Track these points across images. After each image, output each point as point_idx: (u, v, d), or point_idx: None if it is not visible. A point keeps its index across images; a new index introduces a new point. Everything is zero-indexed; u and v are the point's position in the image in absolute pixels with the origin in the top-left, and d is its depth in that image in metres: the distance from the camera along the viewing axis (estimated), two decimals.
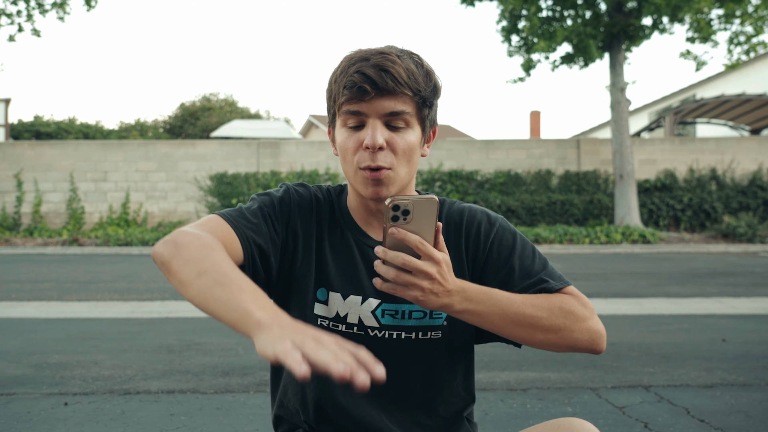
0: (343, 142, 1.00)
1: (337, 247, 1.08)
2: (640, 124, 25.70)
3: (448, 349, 1.07)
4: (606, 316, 4.78)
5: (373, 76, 0.94)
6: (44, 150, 14.32)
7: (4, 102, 21.15)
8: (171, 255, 0.87)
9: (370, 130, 0.97)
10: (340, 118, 1.00)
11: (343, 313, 1.05)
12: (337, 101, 0.99)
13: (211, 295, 0.80)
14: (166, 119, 30.68)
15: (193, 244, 0.87)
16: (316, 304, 1.06)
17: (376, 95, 0.95)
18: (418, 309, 1.04)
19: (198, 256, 0.85)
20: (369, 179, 0.98)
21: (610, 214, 13.84)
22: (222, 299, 0.79)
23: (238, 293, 0.78)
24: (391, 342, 1.04)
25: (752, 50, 12.54)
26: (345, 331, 1.05)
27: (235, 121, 19.47)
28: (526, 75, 13.76)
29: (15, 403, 2.64)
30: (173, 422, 2.43)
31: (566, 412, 2.56)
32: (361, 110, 0.97)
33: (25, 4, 12.93)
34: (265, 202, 1.06)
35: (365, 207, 1.07)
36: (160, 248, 0.89)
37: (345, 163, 1.02)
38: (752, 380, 3.00)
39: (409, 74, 0.95)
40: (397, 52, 0.97)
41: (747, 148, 14.49)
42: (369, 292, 1.05)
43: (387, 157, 0.98)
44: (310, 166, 14.46)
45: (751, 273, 7.80)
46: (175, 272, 0.86)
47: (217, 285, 0.80)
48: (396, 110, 0.96)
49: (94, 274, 7.74)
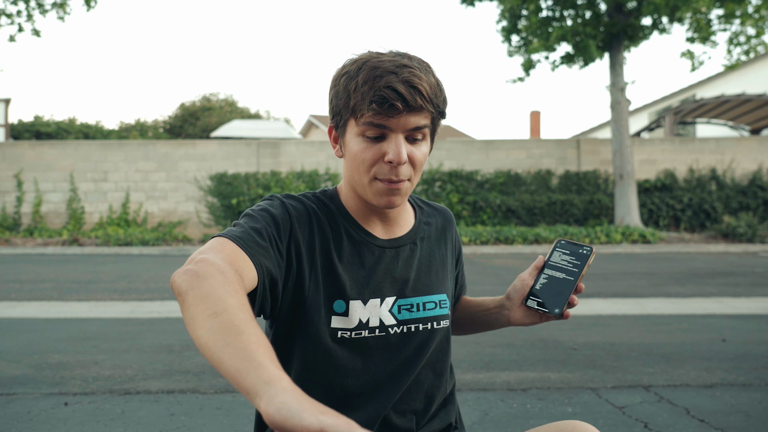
0: (360, 153, 0.98)
1: (345, 254, 1.06)
2: (640, 124, 25.69)
3: (449, 335, 1.15)
4: (606, 316, 4.78)
5: (404, 94, 0.93)
6: (44, 150, 14.32)
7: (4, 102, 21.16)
8: (189, 286, 0.79)
9: (394, 145, 0.97)
10: (358, 127, 0.98)
11: (365, 319, 1.04)
12: (358, 111, 0.96)
13: (222, 339, 0.70)
14: (166, 119, 30.69)
15: (215, 279, 0.79)
16: (333, 317, 1.03)
17: (404, 112, 0.95)
18: (429, 300, 1.10)
19: (217, 294, 0.77)
20: (387, 189, 1.00)
21: (610, 214, 13.84)
22: (232, 345, 0.69)
23: (253, 344, 0.69)
24: (409, 335, 1.08)
25: (752, 50, 12.54)
26: (368, 336, 1.04)
27: (235, 121, 19.46)
28: (526, 75, 13.77)
29: (15, 403, 2.64)
30: (173, 422, 2.43)
31: (566, 412, 2.55)
32: (388, 125, 0.96)
33: (25, 4, 12.93)
34: (268, 221, 0.99)
35: (368, 207, 1.08)
36: (179, 278, 0.82)
37: (358, 172, 1.00)
38: (752, 380, 3.00)
39: (433, 90, 0.97)
40: (418, 65, 0.97)
41: (747, 148, 14.49)
42: (385, 292, 1.07)
43: (407, 171, 1.00)
44: (310, 166, 14.46)
45: (751, 273, 7.80)
46: (188, 306, 0.77)
47: (231, 330, 0.71)
48: (419, 125, 0.98)
49: (94, 274, 7.74)
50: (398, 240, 1.11)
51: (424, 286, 1.11)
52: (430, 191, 14.16)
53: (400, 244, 1.11)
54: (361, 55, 0.99)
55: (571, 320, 4.60)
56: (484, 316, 1.23)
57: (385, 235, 1.10)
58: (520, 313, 1.14)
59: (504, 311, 1.17)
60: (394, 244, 1.10)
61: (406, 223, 1.13)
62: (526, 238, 12.03)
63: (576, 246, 1.10)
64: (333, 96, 1.01)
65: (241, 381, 0.65)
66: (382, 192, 1.00)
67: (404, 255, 1.10)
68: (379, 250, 1.08)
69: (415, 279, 1.10)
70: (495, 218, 13.89)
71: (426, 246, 1.15)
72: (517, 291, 1.14)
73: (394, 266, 1.09)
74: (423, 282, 1.11)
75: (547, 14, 13.06)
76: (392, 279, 1.08)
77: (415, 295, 1.09)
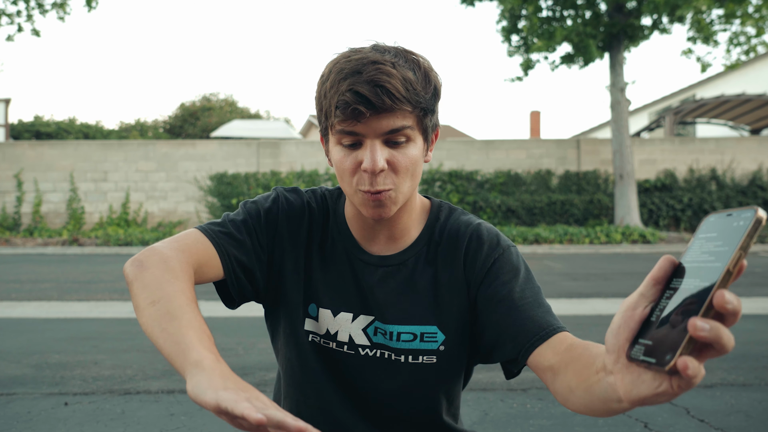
0: (340, 162, 0.91)
1: (328, 260, 1.01)
2: (640, 124, 25.69)
3: (442, 374, 0.99)
4: (606, 316, 4.77)
5: (367, 95, 0.83)
6: (44, 150, 14.32)
7: (4, 102, 21.15)
8: (134, 276, 0.84)
9: (368, 152, 0.87)
10: (334, 136, 0.91)
11: (333, 331, 1.00)
12: (330, 118, 0.89)
13: (159, 325, 0.76)
14: (166, 119, 30.69)
15: (157, 268, 0.83)
16: (307, 319, 1.01)
17: (372, 115, 0.85)
18: (406, 331, 0.97)
19: (157, 283, 0.81)
20: (369, 201, 0.90)
21: (610, 214, 13.84)
22: (167, 331, 0.74)
23: (184, 328, 0.74)
24: (382, 362, 0.99)
25: (752, 50, 12.54)
26: (336, 349, 1.00)
27: (235, 121, 19.46)
28: (525, 75, 13.77)
29: (15, 403, 2.64)
30: (173, 422, 2.43)
31: (566, 412, 2.55)
32: (357, 131, 0.87)
33: (25, 4, 12.93)
34: (251, 213, 0.99)
35: (363, 221, 1.00)
36: (127, 267, 0.86)
37: (343, 182, 0.94)
38: (752, 380, 3.00)
39: (406, 86, 0.85)
40: (391, 58, 0.86)
41: (747, 148, 14.49)
42: (360, 309, 0.99)
43: (387, 179, 0.89)
44: (310, 166, 14.46)
45: (751, 273, 7.79)
46: (134, 294, 0.82)
47: (166, 316, 0.76)
48: (395, 127, 0.87)
49: (94, 274, 7.74)
50: (387, 258, 1.00)
51: (401, 313, 0.98)
52: (430, 191, 14.15)
53: (388, 263, 0.99)
54: (339, 54, 0.90)
55: (571, 320, 4.60)
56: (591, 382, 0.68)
57: (380, 250, 1.01)
58: (630, 377, 0.56)
59: (607, 376, 0.61)
60: (381, 262, 1.00)
61: (409, 238, 1.01)
62: (526, 238, 12.02)
63: (729, 219, 0.53)
64: (315, 103, 0.94)
65: (174, 363, 0.71)
66: (367, 203, 0.91)
67: (390, 275, 0.99)
68: (361, 264, 1.00)
69: (395, 304, 0.98)
70: (495, 218, 13.89)
71: (422, 268, 0.99)
72: (615, 335, 0.57)
73: (375, 285, 0.99)
74: (402, 309, 0.98)
75: (547, 14, 13.06)
76: (372, 298, 0.99)
77: (392, 322, 0.98)
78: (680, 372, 0.49)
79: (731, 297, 0.47)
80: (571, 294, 5.84)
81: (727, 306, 0.47)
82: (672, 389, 0.52)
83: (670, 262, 0.54)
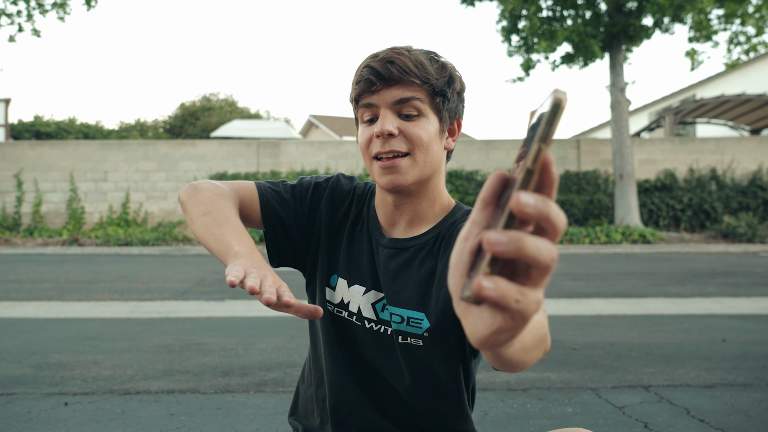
0: (361, 137, 1.03)
1: (355, 239, 1.13)
2: (640, 124, 25.68)
3: (430, 359, 1.03)
4: (606, 316, 4.78)
5: (378, 68, 0.97)
6: (44, 150, 14.32)
7: (4, 102, 21.14)
8: (188, 197, 1.03)
9: (380, 118, 0.99)
10: (358, 116, 1.04)
11: (346, 300, 1.10)
12: (353, 99, 1.04)
13: (209, 231, 0.95)
14: (166, 119, 30.66)
15: (209, 191, 1.02)
16: (327, 288, 1.12)
17: (382, 85, 0.97)
18: (396, 312, 1.03)
19: (208, 199, 1.00)
20: (383, 168, 1.00)
21: (610, 214, 13.84)
22: (215, 234, 0.93)
23: (228, 232, 0.93)
24: (385, 337, 1.06)
25: (752, 50, 12.54)
26: (347, 319, 1.10)
27: (235, 121, 19.44)
28: (526, 75, 13.76)
29: (15, 403, 2.64)
30: (173, 422, 2.43)
31: (566, 412, 2.55)
32: (372, 102, 0.99)
33: (25, 4, 12.93)
34: (303, 183, 1.15)
35: (385, 204, 1.09)
36: (182, 192, 1.05)
37: (364, 158, 1.04)
38: (752, 380, 3.00)
39: (416, 64, 0.97)
40: (409, 48, 1.00)
41: (747, 148, 14.48)
42: (372, 285, 1.08)
43: (401, 143, 0.99)
44: (310, 166, 14.46)
45: (751, 273, 7.79)
46: (188, 210, 1.02)
47: (214, 223, 0.95)
48: (404, 96, 0.98)
49: (94, 274, 7.74)
50: (396, 241, 1.07)
51: (397, 296, 1.04)
52: None
53: (395, 246, 1.07)
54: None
55: (571, 320, 4.60)
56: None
57: (396, 234, 1.09)
58: (471, 318, 0.45)
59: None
60: (391, 244, 1.08)
61: (423, 228, 1.07)
62: None
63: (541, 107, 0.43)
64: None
65: (220, 258, 0.90)
66: (381, 171, 1.01)
67: (392, 257, 1.06)
68: (377, 245, 1.10)
69: (389, 286, 1.05)
70: None
71: (423, 257, 1.04)
72: (451, 274, 0.47)
73: (387, 267, 1.07)
74: (394, 291, 1.05)
75: (548, 14, 13.06)
76: (384, 278, 1.07)
77: (391, 303, 1.05)
78: (480, 296, 0.38)
79: (528, 198, 0.37)
80: (571, 294, 5.84)
81: (526, 209, 0.36)
82: (507, 322, 0.40)
83: (500, 176, 0.43)
